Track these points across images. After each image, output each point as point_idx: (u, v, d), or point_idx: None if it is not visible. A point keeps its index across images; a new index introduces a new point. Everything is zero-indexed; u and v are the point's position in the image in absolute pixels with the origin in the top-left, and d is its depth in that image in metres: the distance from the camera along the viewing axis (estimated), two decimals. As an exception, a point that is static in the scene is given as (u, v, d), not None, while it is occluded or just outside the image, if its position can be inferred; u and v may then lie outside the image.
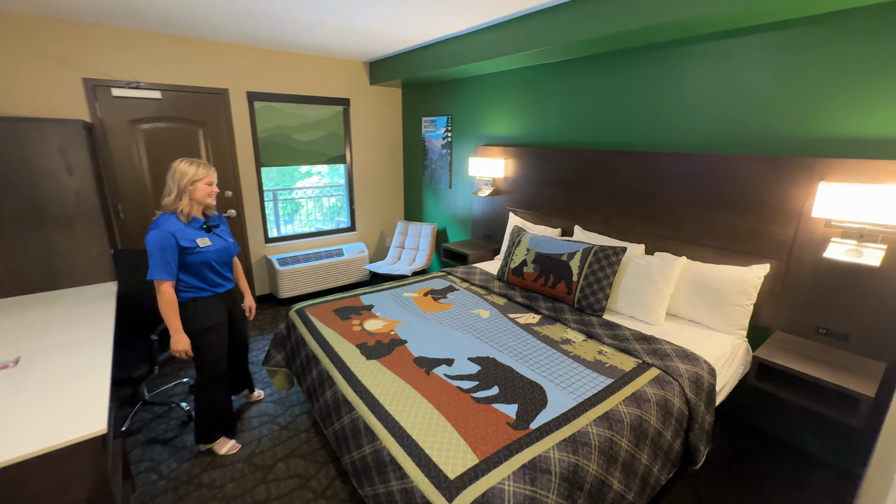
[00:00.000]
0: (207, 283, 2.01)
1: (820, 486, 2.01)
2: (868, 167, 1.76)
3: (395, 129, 4.75)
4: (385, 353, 1.91)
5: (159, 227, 1.83)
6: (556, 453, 1.31)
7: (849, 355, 1.87)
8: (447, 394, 1.61)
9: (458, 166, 4.07)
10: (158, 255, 1.80)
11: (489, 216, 3.75)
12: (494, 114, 3.55)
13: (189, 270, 1.93)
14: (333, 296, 2.61)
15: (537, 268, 2.62)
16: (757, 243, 2.13)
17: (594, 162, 2.80)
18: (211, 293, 2.03)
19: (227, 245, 2.08)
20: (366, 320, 2.26)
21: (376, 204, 4.80)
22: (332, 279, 4.29)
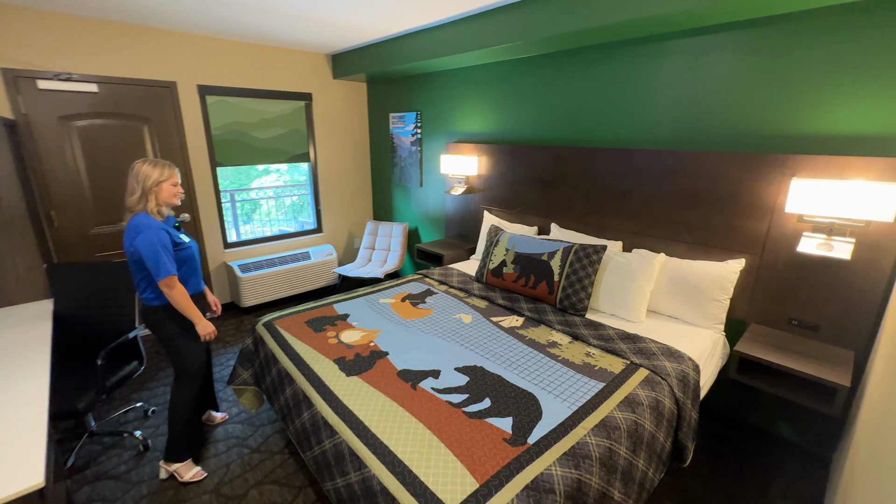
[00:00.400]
0: (190, 281, 1.96)
1: (795, 471, 2.09)
2: (836, 163, 1.81)
3: (361, 126, 4.56)
4: (366, 368, 1.79)
5: (151, 227, 1.77)
6: (559, 470, 1.25)
7: (820, 345, 1.93)
8: (437, 410, 1.52)
9: (430, 164, 3.95)
10: (162, 252, 1.76)
11: (463, 215, 3.67)
12: (466, 110, 3.46)
13: (185, 267, 1.92)
14: (304, 305, 2.44)
15: (517, 268, 2.56)
16: (731, 238, 2.16)
17: (570, 159, 2.77)
18: (192, 292, 1.97)
19: (195, 244, 2.06)
20: (342, 331, 2.12)
21: (343, 204, 4.60)
22: (300, 284, 4.07)
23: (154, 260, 1.74)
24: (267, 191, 4.68)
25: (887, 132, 1.72)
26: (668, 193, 2.35)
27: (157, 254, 1.74)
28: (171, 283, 1.79)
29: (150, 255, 1.74)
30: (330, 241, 4.54)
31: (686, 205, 2.30)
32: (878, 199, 1.65)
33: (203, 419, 2.38)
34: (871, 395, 1.51)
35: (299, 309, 2.38)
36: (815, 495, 1.94)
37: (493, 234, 2.84)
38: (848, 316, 1.89)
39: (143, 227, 1.75)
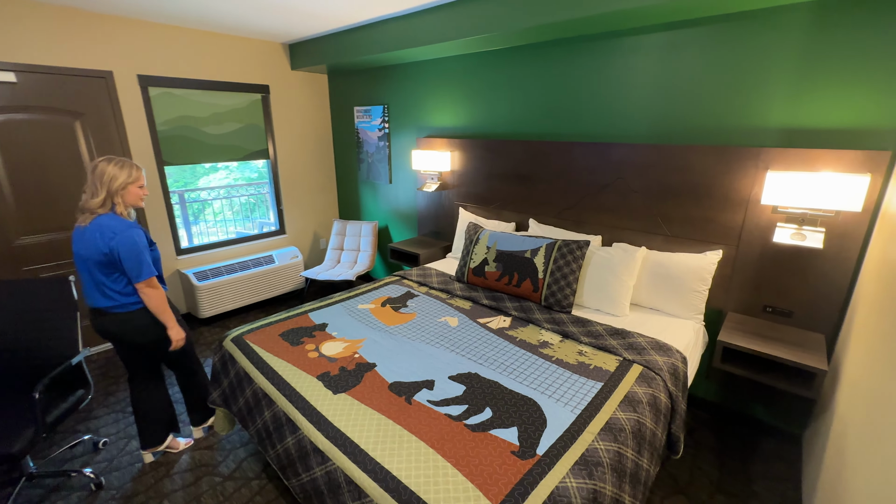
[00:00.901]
0: (162, 282, 1.94)
1: (771, 450, 2.18)
2: (808, 156, 1.88)
3: (324, 120, 4.32)
4: (354, 383, 1.66)
5: (130, 226, 1.74)
6: (573, 481, 1.20)
7: (793, 330, 2.02)
8: (436, 425, 1.42)
9: (399, 159, 3.81)
10: (144, 253, 1.75)
11: (437, 212, 3.57)
12: (437, 103, 3.35)
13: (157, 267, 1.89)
14: (276, 315, 2.25)
15: (500, 266, 2.50)
16: (709, 230, 2.21)
17: (547, 153, 2.74)
18: None
19: None
20: (322, 343, 1.97)
21: (307, 203, 4.36)
22: (264, 291, 3.81)
23: (137, 260, 1.73)
24: (220, 190, 4.34)
25: (854, 125, 1.80)
26: (647, 187, 2.37)
27: (139, 254, 1.73)
28: (152, 283, 1.80)
29: (133, 255, 1.72)
30: (294, 243, 4.29)
31: (664, 198, 2.33)
32: (848, 190, 1.72)
33: (165, 447, 2.15)
34: (849, 377, 1.58)
35: (271, 320, 2.19)
36: (792, 472, 2.04)
37: (473, 231, 2.76)
38: (818, 301, 1.98)
39: (122, 227, 1.72)
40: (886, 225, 1.63)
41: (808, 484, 1.80)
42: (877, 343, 1.41)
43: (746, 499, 1.91)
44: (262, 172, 4.79)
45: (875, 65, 1.72)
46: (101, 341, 3.15)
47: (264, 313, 3.80)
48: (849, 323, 1.83)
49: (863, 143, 1.80)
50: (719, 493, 1.94)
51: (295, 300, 4.09)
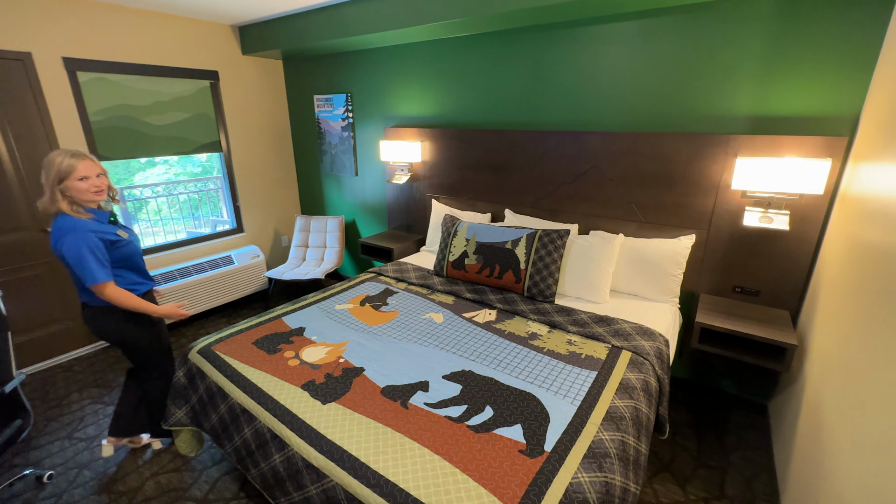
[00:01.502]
0: (143, 277, 1.87)
1: (741, 421, 2.32)
2: (774, 142, 1.97)
3: (280, 109, 4.06)
4: (343, 391, 1.55)
5: (76, 228, 1.60)
6: (585, 476, 1.18)
7: (761, 308, 2.13)
8: (437, 429, 1.36)
9: (365, 151, 3.65)
10: (89, 257, 1.60)
11: (408, 204, 3.46)
12: (405, 92, 3.22)
13: (126, 265, 1.78)
14: (246, 322, 2.08)
15: (480, 259, 2.46)
16: (681, 216, 2.28)
17: (521, 142, 2.71)
18: (147, 288, 1.90)
19: (137, 238, 1.91)
20: (302, 349, 1.84)
21: (266, 198, 4.09)
22: (224, 294, 3.55)
23: (79, 266, 1.60)
24: (159, 188, 3.98)
25: (815, 113, 1.90)
26: (622, 175, 2.40)
27: (81, 259, 1.59)
28: (100, 290, 1.65)
29: (76, 260, 1.59)
30: (254, 242, 4.02)
31: (638, 185, 2.37)
32: (811, 174, 1.82)
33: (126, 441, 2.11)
34: (818, 350, 1.68)
35: (241, 327, 2.02)
36: (763, 440, 2.17)
37: (450, 224, 2.69)
38: (783, 280, 2.10)
39: (68, 229, 1.60)
40: (846, 206, 1.74)
41: (780, 449, 1.92)
42: (845, 318, 1.50)
43: (725, 469, 2.01)
44: (206, 167, 4.46)
45: (830, 54, 1.82)
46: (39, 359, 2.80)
47: (226, 318, 3.55)
48: (811, 298, 1.96)
49: (822, 129, 1.90)
50: (700, 466, 2.03)
51: (258, 302, 3.85)
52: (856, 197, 1.65)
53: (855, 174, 1.73)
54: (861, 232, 1.51)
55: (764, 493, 1.88)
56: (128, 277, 1.81)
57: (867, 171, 1.57)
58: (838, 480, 1.22)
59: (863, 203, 1.55)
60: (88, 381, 2.72)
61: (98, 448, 2.14)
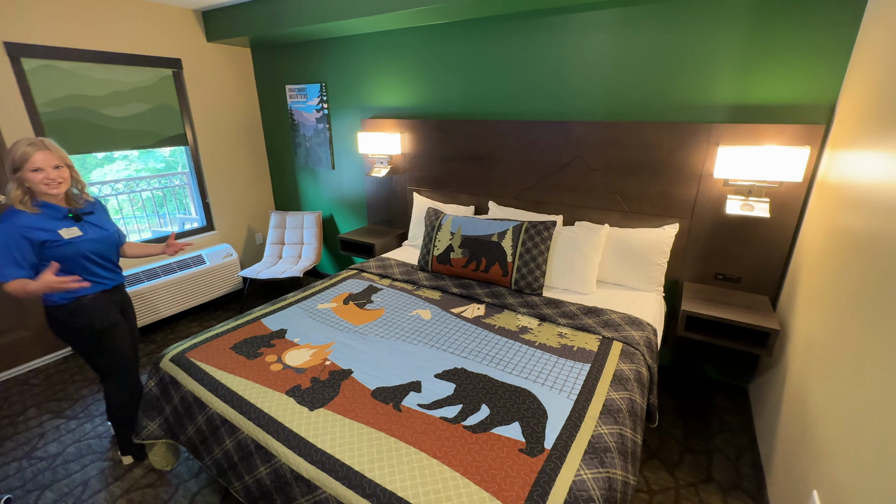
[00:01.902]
0: (92, 278, 1.74)
1: (723, 405, 2.37)
2: (753, 130, 1.99)
3: (250, 100, 3.86)
4: (332, 395, 1.48)
5: (2, 223, 1.55)
6: (587, 472, 1.15)
7: (742, 294, 2.18)
8: (433, 431, 1.31)
9: (342, 143, 3.52)
10: (4, 253, 1.53)
11: (388, 198, 3.37)
12: (383, 81, 3.12)
13: (65, 266, 1.65)
14: (221, 326, 1.96)
15: (466, 252, 2.41)
16: (664, 205, 2.30)
17: (504, 133, 2.66)
18: (98, 289, 1.78)
19: (107, 234, 1.80)
20: (284, 352, 1.74)
21: (238, 194, 3.90)
22: (195, 295, 3.37)
23: None
24: (120, 184, 3.73)
25: (793, 101, 1.93)
26: (606, 165, 2.40)
27: None
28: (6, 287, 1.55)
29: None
30: (226, 240, 3.84)
31: (622, 175, 2.37)
32: (791, 162, 1.85)
33: None
34: (801, 334, 1.72)
35: (217, 331, 1.90)
36: (745, 423, 2.23)
37: (433, 217, 2.63)
38: (762, 266, 2.15)
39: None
40: (825, 193, 1.78)
41: (763, 431, 1.97)
42: (826, 302, 1.53)
43: (710, 453, 2.05)
44: (170, 162, 4.23)
45: (808, 43, 1.85)
46: None
47: (198, 321, 3.38)
48: (790, 283, 2.01)
49: (800, 117, 1.94)
50: (687, 452, 2.07)
51: (233, 304, 3.68)
52: (835, 184, 1.68)
53: (833, 161, 1.76)
54: (841, 218, 1.54)
55: (749, 476, 1.92)
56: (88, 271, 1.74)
57: (847, 159, 1.60)
58: (826, 460, 1.25)
59: (842, 190, 1.58)
60: (47, 394, 2.53)
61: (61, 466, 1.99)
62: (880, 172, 1.29)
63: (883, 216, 1.21)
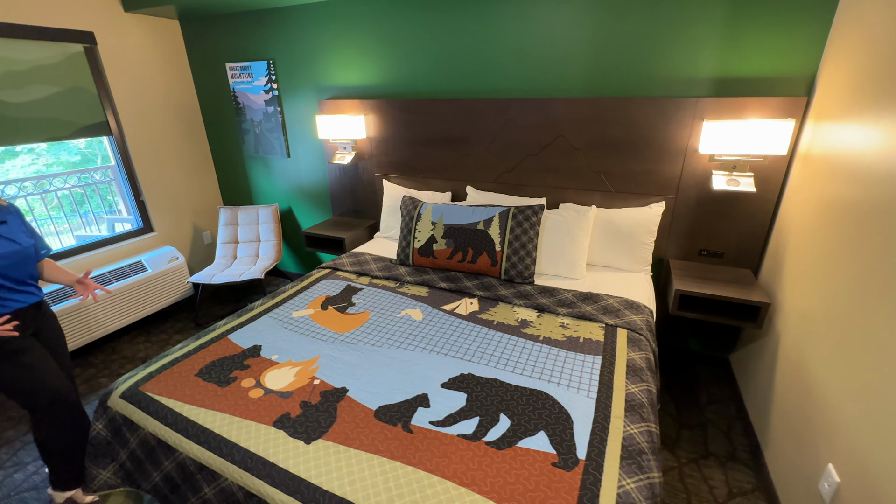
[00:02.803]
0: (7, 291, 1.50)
1: (707, 376, 2.43)
2: (737, 104, 1.97)
3: (184, 81, 3.39)
4: (328, 422, 1.29)
5: None
6: (629, 482, 1.07)
7: (726, 269, 2.20)
8: (453, 452, 1.17)
9: (298, 127, 3.19)
10: None
11: (354, 187, 3.11)
12: (342, 57, 2.81)
13: None
14: (180, 348, 1.68)
15: (450, 243, 2.25)
16: (649, 183, 2.25)
17: (481, 112, 2.49)
18: (19, 306, 1.54)
19: (19, 248, 1.53)
20: (263, 374, 1.51)
21: (178, 190, 3.46)
22: (138, 307, 2.96)
23: None
24: (47, 181, 3.17)
25: (775, 73, 1.92)
26: (589, 144, 2.31)
27: None
28: None
29: None
30: (169, 242, 3.41)
31: (606, 154, 2.29)
32: (776, 135, 1.85)
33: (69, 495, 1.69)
34: (795, 307, 1.74)
35: (175, 356, 1.62)
36: (731, 392, 2.29)
37: (411, 206, 2.43)
38: (745, 241, 2.17)
39: None
40: (811, 165, 1.79)
41: (755, 401, 2.02)
42: (819, 272, 1.55)
43: (704, 427, 2.09)
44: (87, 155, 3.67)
45: (789, 14, 1.82)
46: None
47: (144, 335, 2.99)
48: (774, 256, 2.04)
49: (782, 90, 1.93)
50: (683, 428, 2.09)
51: (184, 312, 3.30)
52: (825, 155, 1.68)
53: (817, 133, 1.77)
54: (837, 190, 1.54)
55: (743, 445, 1.97)
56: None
57: (838, 130, 1.60)
58: (841, 434, 1.25)
59: (837, 161, 1.58)
60: (-39, 442, 2.10)
61: None
62: (880, 142, 1.28)
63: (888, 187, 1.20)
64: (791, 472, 1.56)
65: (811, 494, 1.40)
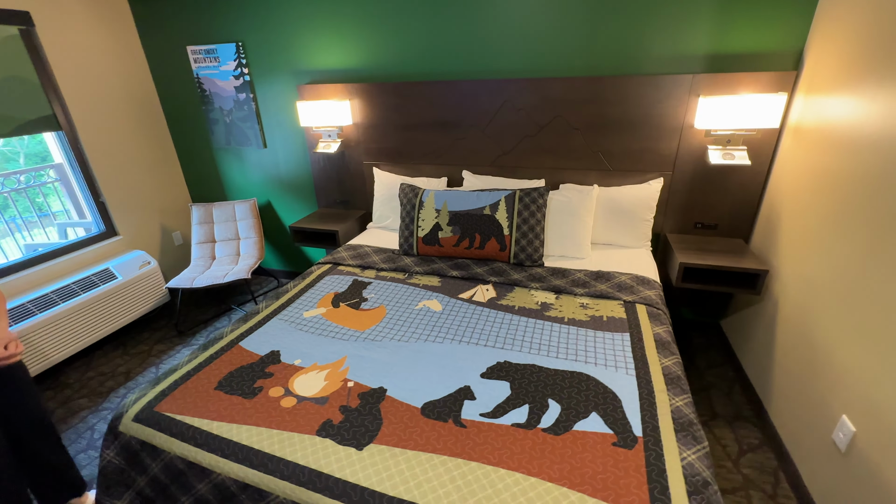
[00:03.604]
0: None
1: (702, 343, 2.56)
2: (730, 80, 2.03)
3: (138, 67, 3.07)
4: (375, 425, 1.23)
5: None
6: (690, 454, 1.10)
7: (720, 240, 2.30)
8: (512, 443, 1.15)
9: (274, 116, 2.98)
10: None
11: (340, 176, 2.97)
12: (321, 38, 2.63)
13: None
14: (189, 361, 1.55)
15: (457, 230, 2.20)
16: (647, 160, 2.30)
17: (475, 94, 2.43)
18: None
19: None
20: (290, 380, 1.42)
21: (141, 188, 3.17)
22: (111, 319, 2.72)
23: None
24: (-21, 188, 2.80)
25: (765, 49, 1.98)
26: (587, 123, 2.31)
27: None
28: None
29: None
30: (137, 246, 3.13)
31: (604, 133, 2.31)
32: (768, 109, 1.93)
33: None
34: (793, 273, 1.85)
35: (186, 369, 1.50)
36: (726, 356, 2.42)
37: (411, 194, 2.35)
38: (737, 212, 2.27)
39: None
40: (803, 137, 1.88)
41: (753, 362, 2.14)
42: (818, 238, 1.65)
43: (707, 390, 2.20)
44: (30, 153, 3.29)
45: (778, -11, 1.88)
46: None
47: (122, 348, 2.75)
48: (766, 225, 2.15)
49: (771, 65, 2.00)
50: (691, 393, 2.19)
51: (162, 320, 3.07)
52: (814, 127, 1.77)
53: (807, 106, 1.86)
54: (833, 161, 1.62)
55: (743, 403, 2.10)
56: None
57: (825, 103, 1.69)
58: (854, 388, 1.35)
59: (823, 132, 1.67)
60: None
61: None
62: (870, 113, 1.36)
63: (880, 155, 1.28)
64: (798, 426, 1.68)
65: (824, 444, 1.51)
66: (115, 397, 2.33)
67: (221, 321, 3.00)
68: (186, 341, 2.79)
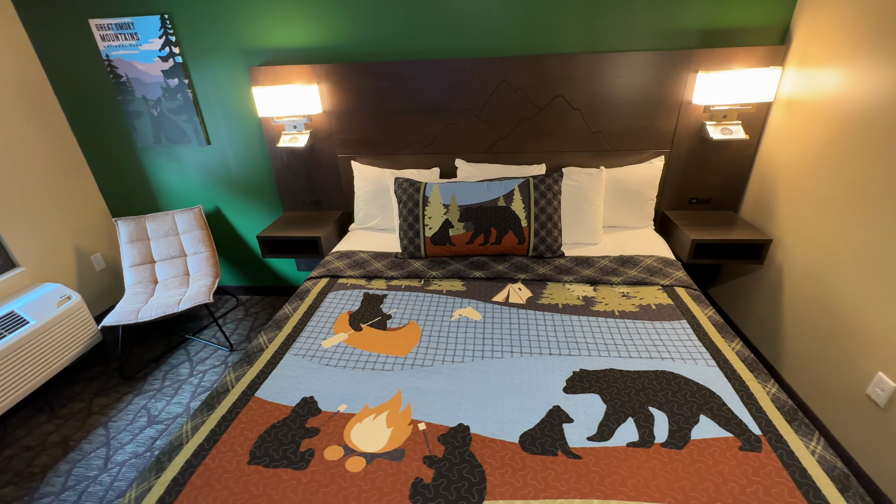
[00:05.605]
0: None
1: (696, 313, 2.67)
2: (725, 55, 2.04)
3: (19, 47, 2.36)
4: (478, 475, 1.02)
5: None
6: (815, 445, 1.06)
7: (714, 213, 2.37)
8: (639, 468, 1.02)
9: (218, 105, 2.48)
10: None
11: (310, 173, 2.58)
12: (277, 8, 2.20)
13: None
14: (201, 427, 1.19)
15: (469, 225, 2.00)
16: (646, 139, 2.27)
17: (466, 74, 2.21)
18: None
19: None
20: (345, 434, 1.15)
21: (40, 204, 2.49)
22: (26, 375, 2.12)
23: None
24: None
25: (753, 24, 2.01)
26: (588, 102, 2.21)
27: None
28: None
29: None
30: (45, 277, 2.48)
31: (604, 113, 2.23)
32: (763, 83, 1.98)
33: None
34: (798, 241, 1.95)
35: (198, 442, 1.15)
36: (722, 324, 2.54)
37: (411, 189, 2.09)
38: (728, 185, 2.35)
39: None
40: (794, 109, 1.96)
41: (756, 328, 2.25)
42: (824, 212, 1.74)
43: (715, 359, 2.29)
44: None
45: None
46: None
47: (47, 410, 2.17)
48: (757, 196, 2.24)
49: (760, 39, 2.05)
50: (701, 364, 2.26)
51: (96, 366, 2.47)
52: (807, 100, 1.85)
53: (798, 79, 1.93)
54: (835, 133, 1.70)
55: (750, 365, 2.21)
56: None
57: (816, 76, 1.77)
58: (888, 345, 1.44)
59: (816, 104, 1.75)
60: None
61: None
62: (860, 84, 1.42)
63: None
64: (823, 386, 1.77)
65: (858, 400, 1.60)
66: (55, 477, 1.82)
67: (177, 356, 2.50)
68: (138, 388, 2.28)
